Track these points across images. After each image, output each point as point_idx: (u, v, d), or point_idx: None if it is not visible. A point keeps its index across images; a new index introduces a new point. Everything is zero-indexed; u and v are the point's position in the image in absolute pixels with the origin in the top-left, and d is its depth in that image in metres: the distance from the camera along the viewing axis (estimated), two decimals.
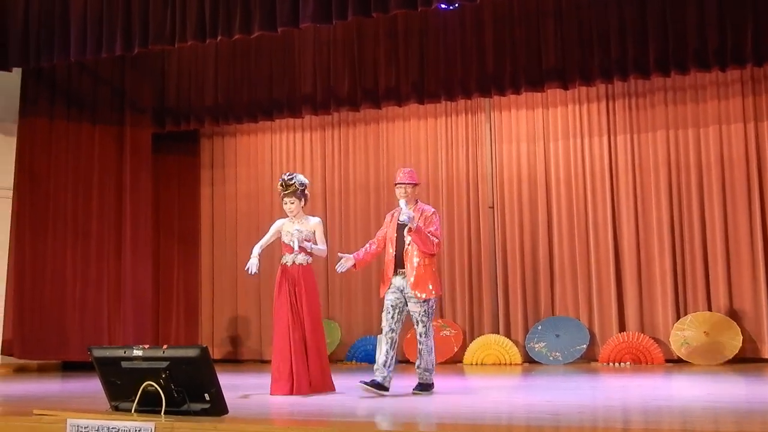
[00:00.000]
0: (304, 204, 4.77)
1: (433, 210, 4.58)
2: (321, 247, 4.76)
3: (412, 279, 4.39)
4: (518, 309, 7.56)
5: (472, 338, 7.58)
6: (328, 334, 7.84)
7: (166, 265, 8.34)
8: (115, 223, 7.72)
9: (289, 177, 4.72)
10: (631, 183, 7.42)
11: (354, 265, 4.51)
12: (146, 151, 7.96)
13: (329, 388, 4.66)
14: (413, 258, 4.45)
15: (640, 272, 7.31)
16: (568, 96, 7.60)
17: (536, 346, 7.45)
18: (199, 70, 7.91)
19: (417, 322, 4.47)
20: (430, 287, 4.47)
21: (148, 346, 3.51)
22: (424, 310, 4.48)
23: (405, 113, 8.05)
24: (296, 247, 4.56)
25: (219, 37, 6.24)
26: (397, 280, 4.48)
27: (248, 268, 4.55)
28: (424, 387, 4.64)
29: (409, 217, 4.34)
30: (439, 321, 7.70)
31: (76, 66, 7.53)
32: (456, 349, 7.54)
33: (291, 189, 4.70)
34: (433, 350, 4.57)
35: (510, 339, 7.48)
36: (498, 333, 7.56)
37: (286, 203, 4.70)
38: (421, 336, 4.46)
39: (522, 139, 7.78)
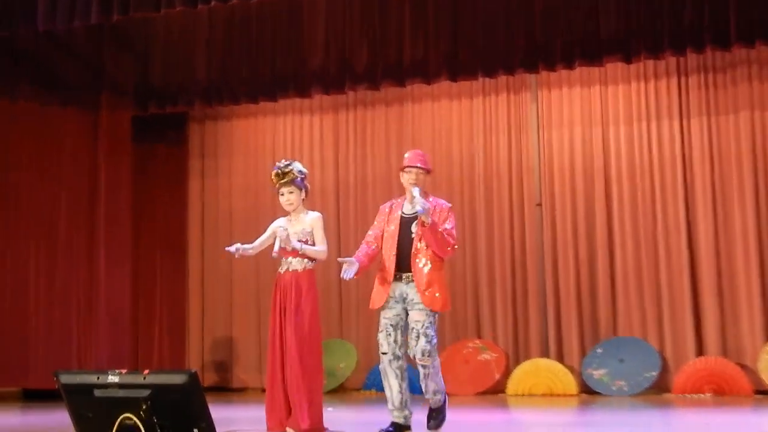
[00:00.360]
0: (305, 196, 4.80)
1: (449, 205, 4.49)
2: (318, 247, 4.70)
3: (423, 282, 4.27)
4: (572, 328, 7.55)
5: (517, 363, 7.60)
6: (343, 356, 7.82)
7: (147, 275, 8.38)
8: (87, 224, 7.79)
9: (286, 164, 4.76)
10: (709, 176, 7.37)
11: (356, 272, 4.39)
12: (125, 139, 8.02)
13: (315, 427, 4.55)
14: (423, 259, 4.33)
15: (721, 284, 7.24)
16: (631, 71, 7.56)
17: (595, 373, 7.40)
18: (189, 42, 7.98)
19: (420, 335, 4.27)
20: (441, 297, 4.32)
21: (125, 371, 3.51)
22: (431, 321, 4.32)
23: (434, 92, 8.05)
24: (276, 248, 4.55)
25: (212, 2, 6.19)
26: (399, 287, 4.35)
27: (235, 250, 4.59)
28: (438, 413, 4.51)
29: (424, 209, 4.19)
30: (477, 342, 7.68)
31: (44, 37, 7.51)
32: (497, 377, 7.54)
33: (288, 177, 4.72)
34: (440, 370, 4.44)
35: (563, 365, 7.46)
36: (548, 357, 7.57)
37: (283, 194, 4.74)
38: (424, 355, 4.25)
39: (575, 123, 7.75)
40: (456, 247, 4.39)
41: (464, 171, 7.98)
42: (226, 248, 4.62)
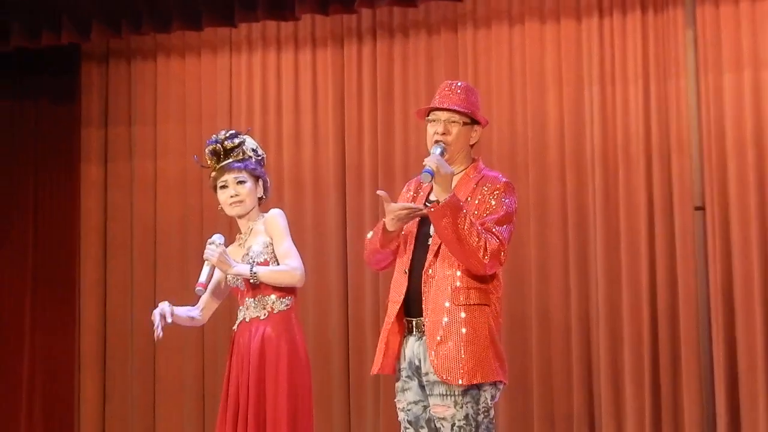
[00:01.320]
0: (264, 195, 4.77)
1: (505, 180, 4.17)
2: (281, 267, 4.60)
3: (439, 331, 3.98)
4: (760, 402, 6.42)
5: None
6: None
7: (8, 325, 7.69)
8: None
9: (228, 135, 4.72)
10: None
11: (384, 240, 4.17)
12: None
13: None
14: (443, 283, 4.04)
15: None
16: None
17: None
18: None
19: None
20: (481, 360, 4.00)
21: None
22: (465, 416, 4.00)
23: (513, 8, 7.09)
24: (203, 278, 4.51)
25: None
26: (411, 345, 4.10)
27: (159, 318, 4.62)
28: None
29: (433, 170, 3.93)
30: None
31: None
32: None
33: (233, 158, 4.70)
34: None
35: None
36: None
37: (224, 186, 4.68)
38: None
39: (764, 64, 6.65)
40: (503, 254, 3.97)
41: (567, 147, 6.85)
42: (153, 314, 4.58)
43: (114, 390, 7.58)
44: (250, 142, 4.79)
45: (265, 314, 4.61)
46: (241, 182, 4.69)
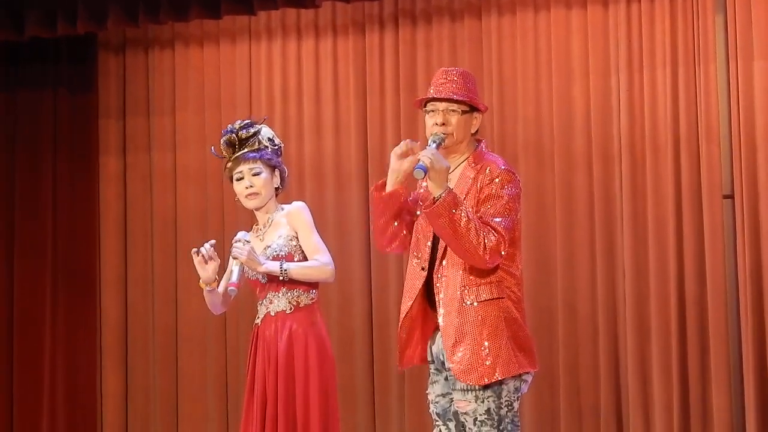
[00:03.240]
0: (280, 185, 4.75)
1: (504, 167, 4.10)
2: (312, 262, 4.59)
3: (452, 331, 4.02)
4: None
5: None
6: None
7: (30, 318, 7.66)
8: None
9: (244, 125, 4.73)
10: None
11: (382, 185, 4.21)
12: None
13: None
14: (453, 284, 4.06)
15: None
16: None
17: None
18: None
19: None
20: (499, 356, 4.03)
21: None
22: (487, 410, 4.03)
23: None
24: (234, 278, 4.53)
25: None
26: (437, 341, 4.15)
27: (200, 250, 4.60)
28: None
29: (425, 165, 3.90)
30: None
31: None
32: None
33: (248, 148, 4.69)
34: None
35: None
36: None
37: (240, 177, 4.67)
38: None
39: None
40: (502, 248, 3.93)
41: (594, 136, 6.81)
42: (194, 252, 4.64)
43: (136, 384, 7.61)
44: (266, 132, 4.76)
45: (290, 308, 4.59)
46: (256, 173, 4.67)
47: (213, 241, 4.64)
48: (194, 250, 4.56)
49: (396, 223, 4.16)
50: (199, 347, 7.47)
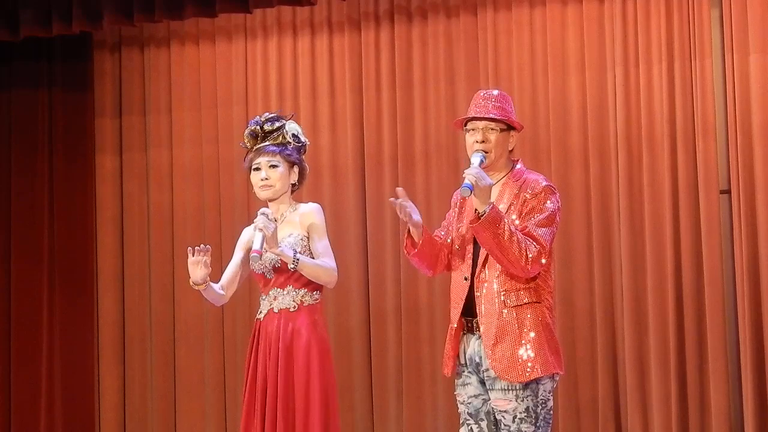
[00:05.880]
0: (297, 181, 4.77)
1: (546, 183, 4.29)
2: (321, 261, 4.62)
3: (493, 332, 4.15)
4: None
5: None
6: None
7: (26, 318, 7.64)
8: None
9: (270, 118, 4.76)
10: None
11: (410, 244, 4.30)
12: None
13: None
14: (493, 288, 4.21)
15: None
16: None
17: None
18: None
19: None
20: (533, 354, 4.17)
21: None
22: (526, 408, 4.16)
23: None
24: (257, 245, 4.46)
25: None
26: (471, 343, 4.27)
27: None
28: None
29: (472, 183, 4.01)
30: None
31: None
32: None
33: (271, 141, 4.72)
34: None
35: None
36: None
37: (258, 168, 4.68)
38: None
39: None
40: (543, 258, 4.13)
41: (590, 131, 6.80)
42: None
43: (134, 382, 7.59)
44: (291, 127, 4.77)
45: (295, 306, 4.62)
46: (273, 166, 4.67)
47: (208, 246, 4.65)
48: (189, 249, 4.59)
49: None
50: (197, 344, 7.43)
